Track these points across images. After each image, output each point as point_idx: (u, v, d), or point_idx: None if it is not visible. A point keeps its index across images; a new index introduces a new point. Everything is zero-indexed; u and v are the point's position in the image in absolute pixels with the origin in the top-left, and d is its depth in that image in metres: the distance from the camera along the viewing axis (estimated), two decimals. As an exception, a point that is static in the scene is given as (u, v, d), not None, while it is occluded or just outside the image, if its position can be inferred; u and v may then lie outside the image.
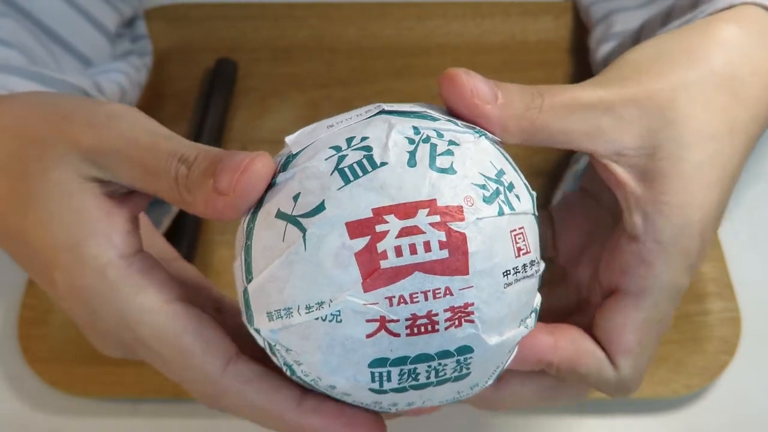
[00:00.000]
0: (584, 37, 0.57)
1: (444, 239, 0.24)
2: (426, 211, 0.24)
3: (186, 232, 0.48)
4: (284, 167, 0.26)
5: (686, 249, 0.28)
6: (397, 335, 0.24)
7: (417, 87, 0.57)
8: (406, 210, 0.24)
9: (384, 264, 0.24)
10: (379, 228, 0.24)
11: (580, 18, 0.59)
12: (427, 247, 0.24)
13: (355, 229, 0.24)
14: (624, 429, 0.44)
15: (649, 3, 0.51)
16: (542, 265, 0.27)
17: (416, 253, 0.24)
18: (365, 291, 0.24)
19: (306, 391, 0.27)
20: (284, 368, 0.26)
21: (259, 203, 0.26)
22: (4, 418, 0.44)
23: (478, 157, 0.26)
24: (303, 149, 0.26)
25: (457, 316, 0.24)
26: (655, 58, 0.30)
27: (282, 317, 0.25)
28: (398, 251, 0.24)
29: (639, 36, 0.48)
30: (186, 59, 0.57)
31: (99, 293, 0.26)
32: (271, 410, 0.26)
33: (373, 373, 0.25)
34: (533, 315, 0.27)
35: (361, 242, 0.24)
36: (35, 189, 0.27)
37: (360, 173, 0.25)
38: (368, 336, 0.24)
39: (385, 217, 0.24)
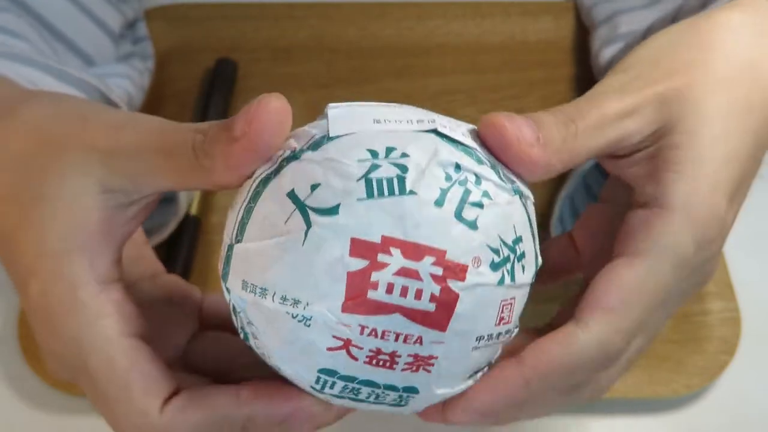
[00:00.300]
0: (585, 38, 0.57)
1: (437, 294, 0.24)
2: (432, 259, 0.23)
3: (186, 233, 0.48)
4: (315, 146, 0.25)
5: (692, 217, 0.27)
6: (355, 359, 0.24)
7: (417, 87, 0.57)
8: (414, 251, 0.23)
9: (371, 294, 0.23)
10: (381, 258, 0.23)
11: (580, 18, 0.59)
12: (418, 295, 0.23)
13: (359, 248, 0.23)
14: (624, 429, 0.44)
15: (655, 3, 0.51)
16: (516, 331, 0.27)
17: (405, 297, 0.23)
18: (343, 311, 0.23)
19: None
20: (240, 332, 0.26)
21: (277, 170, 0.25)
22: (4, 418, 0.44)
23: (504, 219, 0.25)
24: (340, 137, 0.25)
25: (417, 364, 0.24)
26: (669, 51, 0.30)
27: (256, 294, 0.24)
28: (389, 288, 0.23)
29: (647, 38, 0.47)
30: (186, 59, 0.57)
31: (65, 309, 0.26)
32: (215, 417, 0.26)
33: (319, 377, 0.25)
34: (487, 368, 0.27)
35: (359, 264, 0.23)
36: (45, 190, 0.27)
37: (386, 192, 0.24)
38: (329, 349, 0.24)
39: (391, 249, 0.23)
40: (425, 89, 0.57)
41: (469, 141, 0.26)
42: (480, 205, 0.24)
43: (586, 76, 0.56)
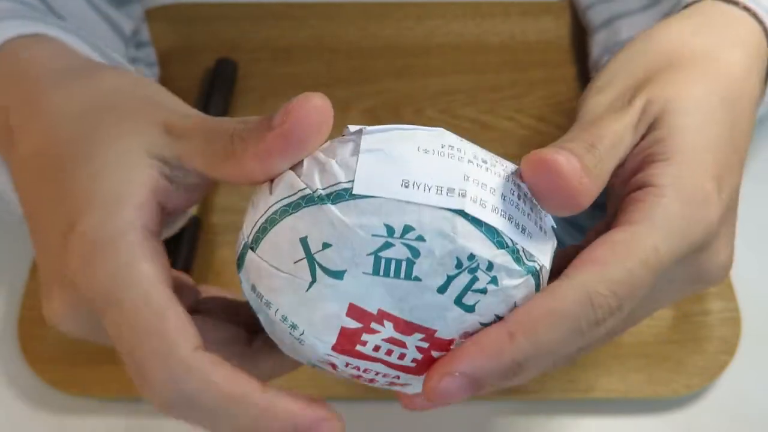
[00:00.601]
0: (585, 38, 0.57)
1: (419, 359, 0.26)
2: (421, 336, 0.25)
3: (186, 232, 0.48)
4: (336, 198, 0.24)
5: (681, 195, 0.27)
6: (340, 374, 0.27)
7: (417, 87, 0.57)
8: (406, 327, 0.25)
9: (359, 347, 0.25)
10: (374, 325, 0.25)
11: (579, 18, 0.59)
12: (402, 357, 0.26)
13: (355, 313, 0.25)
14: (624, 429, 0.44)
15: (653, 5, 0.51)
16: None
17: (389, 356, 0.26)
18: (332, 350, 0.26)
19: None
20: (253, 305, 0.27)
21: (295, 207, 0.25)
22: (4, 418, 0.44)
23: (505, 300, 0.25)
24: (363, 197, 0.24)
25: (396, 384, 0.27)
26: (638, 63, 0.32)
27: (260, 302, 0.26)
28: (376, 348, 0.25)
29: None
30: (186, 59, 0.57)
31: (109, 247, 0.26)
32: (239, 392, 0.25)
33: (313, 365, 0.27)
34: None
35: (353, 323, 0.25)
36: (105, 144, 0.28)
37: (392, 273, 0.24)
38: (318, 361, 0.27)
39: (385, 321, 0.25)
40: (425, 89, 0.57)
41: (497, 222, 0.25)
42: (483, 291, 0.25)
43: (586, 76, 0.56)
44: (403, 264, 0.24)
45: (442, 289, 0.25)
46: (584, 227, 0.29)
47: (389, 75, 0.57)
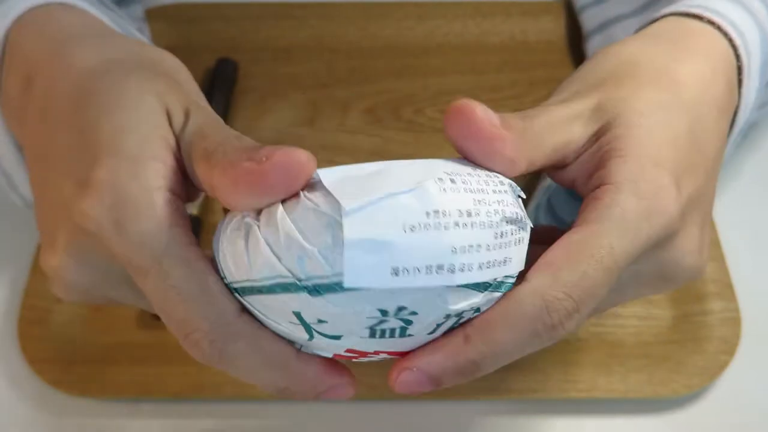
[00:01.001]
0: (583, 39, 0.57)
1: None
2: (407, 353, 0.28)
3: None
4: (326, 290, 0.24)
5: (638, 190, 0.28)
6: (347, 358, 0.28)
7: (417, 87, 0.57)
8: (395, 353, 0.28)
9: (358, 359, 0.28)
10: (370, 356, 0.28)
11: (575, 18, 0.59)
12: (396, 354, 0.28)
13: (353, 351, 0.27)
14: (624, 429, 0.44)
15: (646, 8, 0.51)
16: None
17: (378, 358, 0.28)
18: (333, 356, 0.28)
19: None
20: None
21: (284, 287, 0.25)
22: (4, 418, 0.44)
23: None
24: (354, 290, 0.24)
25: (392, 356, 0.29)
26: (597, 69, 0.33)
27: (255, 311, 0.27)
28: (367, 357, 0.28)
29: None
30: (186, 59, 0.56)
31: (141, 203, 0.26)
32: (278, 357, 0.27)
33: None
34: None
35: (351, 354, 0.27)
36: (132, 100, 0.28)
37: (387, 336, 0.26)
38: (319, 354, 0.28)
39: (381, 354, 0.27)
40: (425, 89, 0.57)
41: (483, 273, 0.25)
42: (457, 324, 0.27)
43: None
44: (398, 330, 0.26)
45: (431, 333, 0.27)
46: (569, 223, 0.29)
47: (389, 75, 0.57)
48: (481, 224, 0.25)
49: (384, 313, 0.25)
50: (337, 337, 0.26)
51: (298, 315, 0.25)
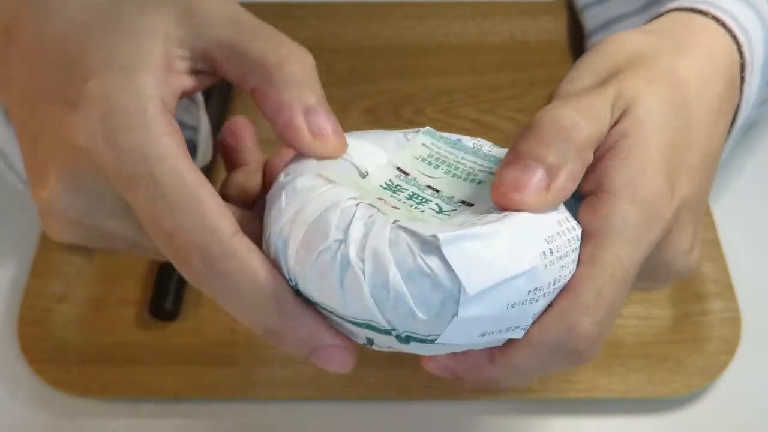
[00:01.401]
0: (584, 38, 0.57)
1: None
2: None
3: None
4: (414, 340, 0.25)
5: (637, 197, 0.28)
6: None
7: (417, 87, 0.57)
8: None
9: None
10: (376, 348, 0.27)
11: (578, 18, 0.59)
12: None
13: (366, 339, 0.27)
14: (624, 429, 0.44)
15: (647, 7, 0.51)
16: None
17: None
18: None
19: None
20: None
21: (367, 326, 0.25)
22: (4, 418, 0.44)
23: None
24: (443, 345, 0.25)
25: None
26: (605, 60, 0.32)
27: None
28: None
29: None
30: (186, 59, 0.57)
31: (131, 117, 0.25)
32: (275, 290, 0.25)
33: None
34: None
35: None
36: (119, 23, 0.27)
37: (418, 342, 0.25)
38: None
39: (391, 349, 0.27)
40: (425, 89, 0.57)
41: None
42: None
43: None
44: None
45: None
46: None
47: (389, 75, 0.57)
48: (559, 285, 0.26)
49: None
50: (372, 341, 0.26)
51: (368, 339, 0.26)
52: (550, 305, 0.27)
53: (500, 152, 0.30)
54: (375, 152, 0.29)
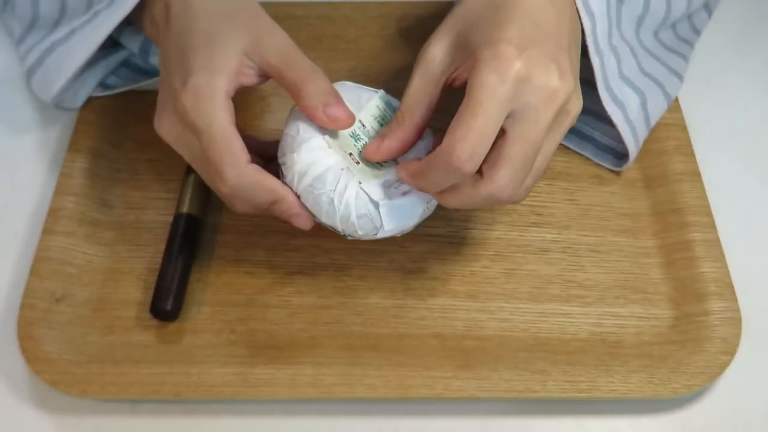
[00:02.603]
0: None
1: None
2: None
3: (186, 233, 0.48)
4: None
5: (497, 55, 0.39)
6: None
7: (417, 87, 0.56)
8: None
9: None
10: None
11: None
12: None
13: None
14: (624, 429, 0.44)
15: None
16: None
17: None
18: None
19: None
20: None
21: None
22: (4, 418, 0.44)
23: None
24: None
25: None
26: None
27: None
28: None
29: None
30: (186, 59, 0.57)
31: (208, 98, 0.42)
32: (278, 191, 0.43)
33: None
34: None
35: None
36: (218, 37, 0.44)
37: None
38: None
39: None
40: (425, 89, 0.56)
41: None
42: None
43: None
44: None
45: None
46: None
47: (389, 75, 0.57)
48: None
49: None
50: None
51: (329, 227, 0.45)
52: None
53: None
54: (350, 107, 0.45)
